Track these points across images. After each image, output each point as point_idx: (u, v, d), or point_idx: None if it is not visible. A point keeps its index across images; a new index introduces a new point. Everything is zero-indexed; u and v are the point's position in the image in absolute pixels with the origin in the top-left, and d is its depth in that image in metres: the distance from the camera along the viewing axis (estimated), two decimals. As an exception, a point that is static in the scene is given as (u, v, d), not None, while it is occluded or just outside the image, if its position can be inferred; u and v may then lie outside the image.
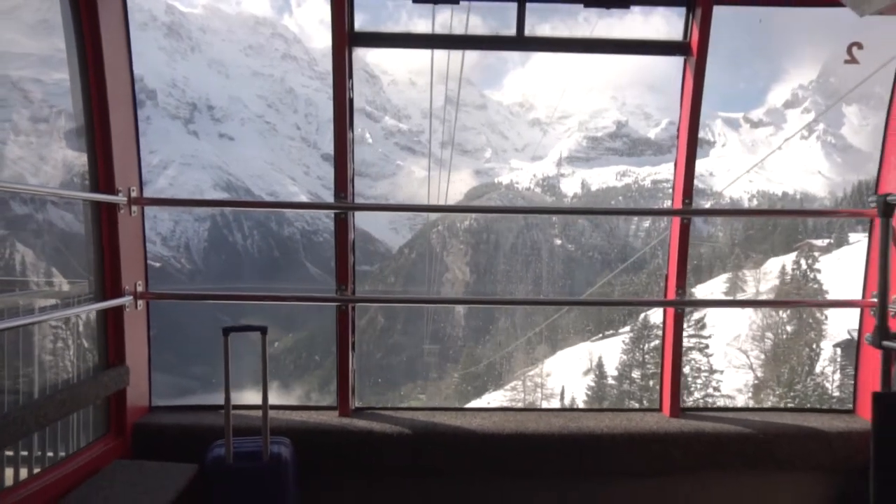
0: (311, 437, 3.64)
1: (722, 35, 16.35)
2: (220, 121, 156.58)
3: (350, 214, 3.83)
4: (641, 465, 3.66)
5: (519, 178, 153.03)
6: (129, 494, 3.00)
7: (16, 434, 2.74)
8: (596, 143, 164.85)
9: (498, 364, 69.06)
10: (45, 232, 30.16)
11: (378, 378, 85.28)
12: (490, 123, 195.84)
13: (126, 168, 3.59)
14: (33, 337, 3.47)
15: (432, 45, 3.87)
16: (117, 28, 3.48)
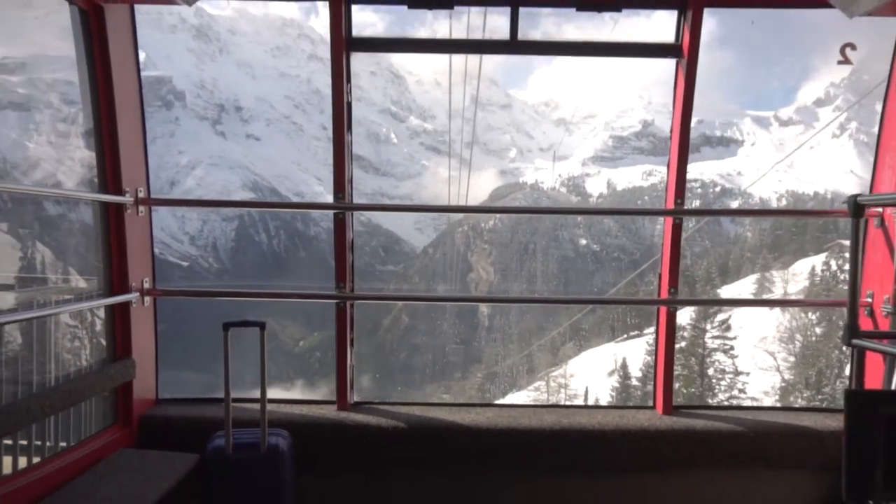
0: (310, 430, 3.77)
1: (751, 33, 15.89)
2: (247, 121, 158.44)
3: (348, 214, 3.96)
4: (632, 461, 3.73)
5: (544, 177, 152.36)
6: (130, 481, 3.15)
7: (21, 422, 2.90)
8: (622, 142, 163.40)
9: (522, 364, 68.99)
10: (76, 231, 30.65)
11: (398, 386, 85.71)
12: (515, 123, 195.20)
13: (133, 170, 3.75)
14: (46, 330, 3.64)
15: (427, 49, 3.97)
16: (125, 37, 3.65)
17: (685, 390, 42.57)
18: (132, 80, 3.73)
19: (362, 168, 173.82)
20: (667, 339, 4.00)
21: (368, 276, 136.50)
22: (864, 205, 2.87)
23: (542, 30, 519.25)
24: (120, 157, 3.60)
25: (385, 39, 3.92)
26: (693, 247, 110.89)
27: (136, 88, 3.78)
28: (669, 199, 3.92)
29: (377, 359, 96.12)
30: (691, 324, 44.01)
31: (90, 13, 3.42)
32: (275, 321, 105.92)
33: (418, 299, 10.74)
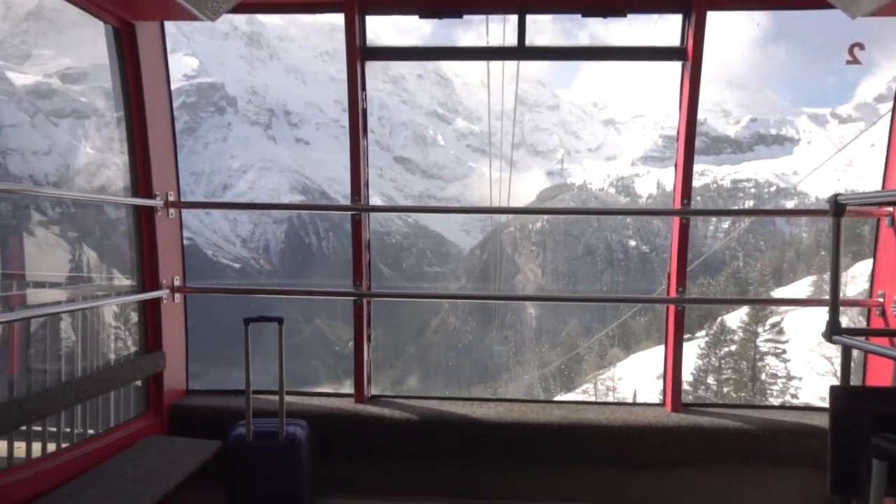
0: (327, 421, 3.97)
1: (806, 28, 15.01)
2: (296, 126, 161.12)
3: (364, 216, 4.15)
4: (639, 457, 3.81)
5: (592, 178, 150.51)
6: (156, 463, 3.39)
7: (57, 406, 3.17)
8: (672, 141, 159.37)
9: (569, 366, 68.46)
10: (120, 233, 32.08)
11: (446, 387, 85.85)
12: (563, 123, 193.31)
13: (164, 175, 4.02)
14: (88, 324, 3.95)
15: (439, 57, 4.13)
16: (155, 52, 3.91)
17: (735, 394, 41.63)
18: (162, 92, 4.00)
19: (409, 170, 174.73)
20: (675, 337, 4.07)
21: (416, 277, 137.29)
22: (844, 204, 2.91)
23: (589, 30, 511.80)
24: (151, 164, 3.87)
25: (397, 48, 4.09)
26: (745, 248, 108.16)
27: (167, 99, 4.04)
28: (676, 200, 3.99)
29: (425, 359, 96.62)
30: (742, 326, 43.05)
31: (122, 30, 3.69)
32: (322, 321, 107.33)
33: (432, 296, 10.84)
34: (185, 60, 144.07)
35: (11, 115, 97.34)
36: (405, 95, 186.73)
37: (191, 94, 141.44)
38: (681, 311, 4.03)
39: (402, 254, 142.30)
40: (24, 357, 3.86)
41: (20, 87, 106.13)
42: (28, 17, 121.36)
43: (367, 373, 4.22)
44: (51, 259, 20.09)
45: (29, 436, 3.50)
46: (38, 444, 3.49)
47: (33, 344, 3.93)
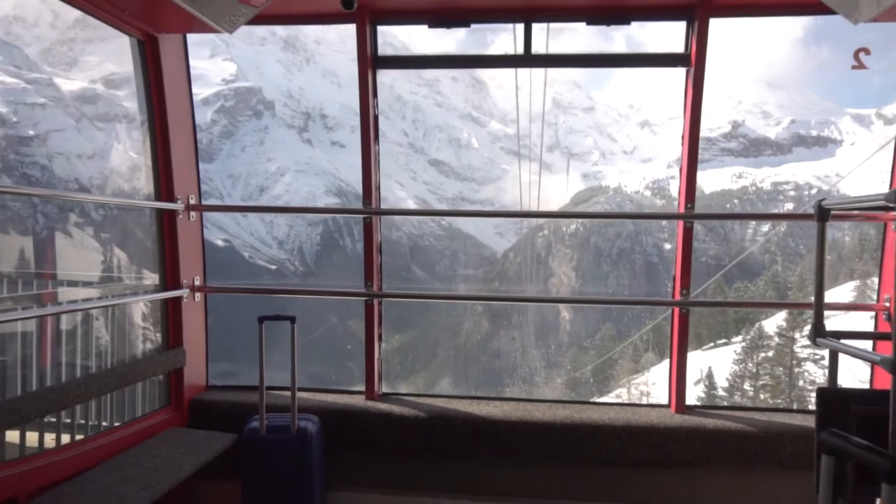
0: (338, 417, 4.12)
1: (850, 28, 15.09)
2: (332, 129, 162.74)
3: (376, 218, 4.29)
4: (641, 457, 3.87)
5: (627, 180, 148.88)
6: (174, 453, 3.58)
7: (79, 397, 3.37)
8: (709, 143, 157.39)
9: (602, 370, 67.87)
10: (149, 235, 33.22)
11: (478, 389, 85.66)
12: (598, 126, 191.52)
13: (185, 180, 4.22)
14: (114, 320, 4.18)
15: (446, 65, 4.27)
16: (177, 63, 4.12)
17: (772, 400, 40.83)
18: (184, 101, 4.20)
19: (443, 173, 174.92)
20: (679, 339, 4.13)
21: (449, 280, 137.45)
22: (828, 209, 2.95)
23: (625, 31, 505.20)
24: (172, 169, 4.07)
25: (408, 57, 4.24)
26: (785, 251, 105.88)
27: (188, 108, 4.24)
28: (680, 204, 4.05)
29: (457, 362, 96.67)
30: (779, 332, 42.23)
31: (146, 43, 3.89)
32: (355, 323, 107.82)
33: (443, 297, 10.94)
34: (224, 65, 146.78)
35: (58, 119, 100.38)
36: (439, 98, 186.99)
37: (229, 98, 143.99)
38: (685, 314, 4.09)
39: (435, 256, 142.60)
40: (55, 351, 4.10)
41: (67, 92, 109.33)
42: (75, 24, 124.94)
43: (378, 370, 4.36)
44: (85, 258, 20.84)
45: (58, 425, 3.73)
46: (66, 435, 3.72)
47: (64, 339, 4.17)
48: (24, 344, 3.93)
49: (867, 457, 2.30)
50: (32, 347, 3.97)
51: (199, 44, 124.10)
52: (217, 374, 4.57)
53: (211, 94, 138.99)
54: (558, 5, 3.92)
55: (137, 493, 3.04)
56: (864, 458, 2.32)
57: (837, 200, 2.89)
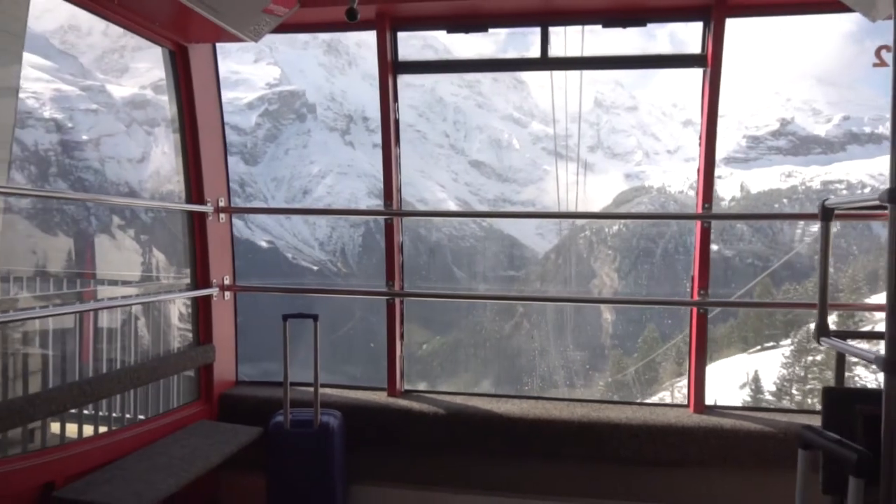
0: (360, 412, 4.25)
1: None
2: (373, 131, 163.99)
3: (397, 219, 4.41)
4: (657, 456, 3.90)
5: (671, 181, 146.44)
6: (201, 445, 3.75)
7: (112, 390, 3.56)
8: (756, 142, 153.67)
9: (645, 373, 67.00)
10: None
11: (519, 390, 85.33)
12: (641, 125, 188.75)
13: (215, 183, 4.40)
14: (149, 318, 4.39)
15: (465, 69, 4.37)
16: (207, 71, 4.30)
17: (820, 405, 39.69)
18: (214, 108, 4.38)
19: (485, 175, 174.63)
20: (698, 339, 4.14)
21: (490, 281, 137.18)
22: (832, 208, 2.94)
23: (668, 29, 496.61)
24: (202, 173, 4.25)
25: (426, 62, 4.35)
26: (836, 252, 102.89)
27: (218, 114, 4.42)
28: (698, 204, 4.06)
29: (499, 363, 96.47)
30: (829, 335, 41.00)
31: (177, 52, 4.08)
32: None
33: (464, 297, 11.02)
34: (268, 70, 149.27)
35: (110, 124, 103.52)
36: (480, 99, 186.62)
37: (273, 102, 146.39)
38: (703, 314, 4.10)
39: (475, 257, 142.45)
40: (95, 346, 4.33)
41: (118, 98, 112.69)
42: (126, 33, 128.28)
43: (399, 368, 4.47)
44: (127, 259, 21.71)
45: (96, 417, 3.94)
46: (104, 426, 3.93)
47: (105, 335, 4.40)
48: (67, 339, 4.18)
49: (836, 450, 2.37)
50: (74, 343, 4.21)
51: (244, 49, 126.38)
52: (264, 372, 4.73)
53: (255, 98, 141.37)
54: (574, 9, 3.98)
55: (164, 481, 3.21)
56: (834, 451, 2.39)
57: (841, 200, 2.89)
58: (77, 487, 3.09)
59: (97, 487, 3.09)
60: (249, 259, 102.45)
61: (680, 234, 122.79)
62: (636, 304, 13.99)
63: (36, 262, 12.56)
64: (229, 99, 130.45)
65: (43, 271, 7.61)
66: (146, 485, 3.13)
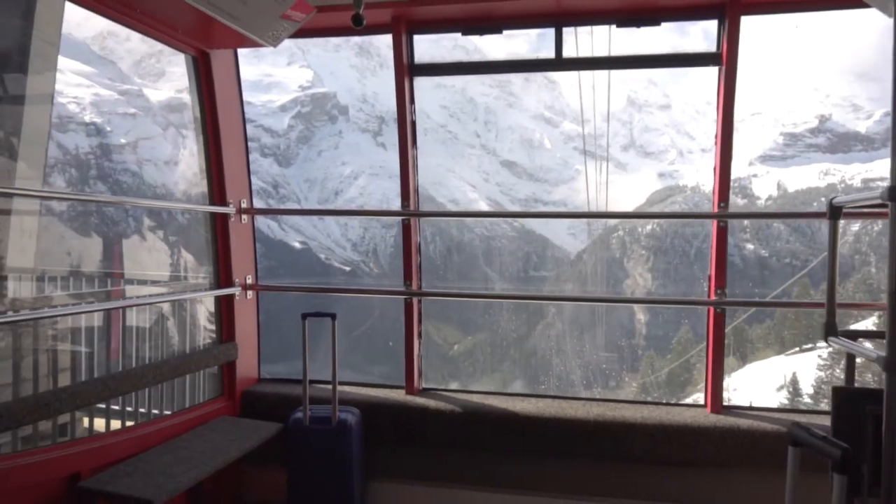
0: (378, 410, 4.32)
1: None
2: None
3: (414, 220, 4.47)
4: (672, 456, 3.90)
5: (705, 179, 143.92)
6: (222, 440, 3.85)
7: (135, 385, 3.69)
8: (794, 139, 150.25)
9: (679, 375, 66.06)
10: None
11: (551, 391, 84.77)
12: (674, 123, 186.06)
13: (237, 185, 4.51)
14: (176, 316, 4.53)
15: (480, 71, 4.42)
16: (229, 77, 4.42)
17: (861, 409, 38.75)
18: (236, 112, 4.50)
19: (516, 174, 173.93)
20: (715, 339, 4.12)
21: (522, 281, 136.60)
22: (839, 206, 2.92)
23: (703, 26, 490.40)
24: (224, 175, 4.37)
25: (443, 64, 4.41)
26: (879, 252, 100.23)
27: (240, 118, 4.54)
28: (714, 203, 4.05)
29: (530, 363, 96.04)
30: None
31: (199, 58, 4.20)
32: (430, 324, 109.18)
33: (479, 296, 10.89)
34: (301, 72, 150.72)
35: (147, 128, 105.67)
36: (511, 99, 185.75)
37: (305, 104, 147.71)
38: (719, 314, 4.08)
39: (507, 258, 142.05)
40: (123, 344, 4.48)
41: (155, 102, 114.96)
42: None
43: (417, 366, 4.54)
44: (155, 259, 22.23)
45: (123, 412, 4.08)
46: (131, 421, 4.07)
47: (131, 333, 4.55)
48: (96, 337, 4.33)
49: (821, 447, 2.42)
50: (102, 340, 4.37)
51: (278, 52, 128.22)
52: (297, 370, 4.81)
53: (288, 100, 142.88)
54: (588, 9, 4.00)
55: (185, 474, 3.31)
56: (819, 447, 2.44)
57: (848, 198, 2.86)
58: (101, 479, 3.21)
59: (120, 479, 3.20)
60: (283, 259, 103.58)
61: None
62: (652, 303, 13.84)
63: (70, 262, 12.93)
64: (262, 102, 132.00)
65: (76, 271, 7.90)
66: (167, 477, 3.24)
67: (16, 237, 5.81)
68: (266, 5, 3.58)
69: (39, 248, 5.72)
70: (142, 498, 2.99)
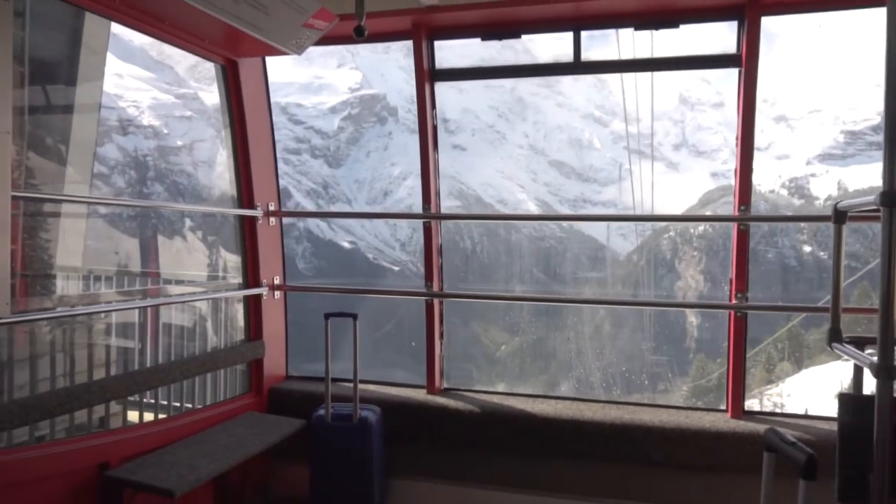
0: (399, 408, 4.42)
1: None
2: (453, 133, 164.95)
3: (435, 223, 4.55)
4: (689, 460, 3.88)
5: (761, 179, 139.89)
6: (246, 434, 4.01)
7: (163, 380, 3.87)
8: (854, 137, 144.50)
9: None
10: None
11: (598, 393, 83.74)
12: (727, 122, 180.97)
13: (265, 189, 4.68)
14: (212, 314, 4.71)
15: (501, 75, 4.49)
16: (257, 84, 4.58)
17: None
18: (264, 118, 4.66)
19: (564, 174, 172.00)
20: (735, 343, 4.08)
21: (571, 283, 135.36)
22: (844, 211, 2.86)
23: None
24: (252, 179, 4.53)
25: (462, 69, 4.47)
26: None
27: (268, 123, 4.70)
28: (735, 206, 4.02)
29: (577, 366, 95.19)
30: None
31: (228, 66, 4.37)
32: (478, 324, 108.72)
33: (499, 298, 10.74)
34: (350, 74, 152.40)
35: (201, 130, 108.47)
36: (560, 99, 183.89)
37: (355, 105, 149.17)
38: (740, 318, 4.04)
39: (555, 259, 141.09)
40: (156, 340, 4.68)
41: (210, 105, 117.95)
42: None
43: (439, 367, 4.61)
44: (191, 259, 23.09)
45: (157, 404, 4.27)
46: (164, 414, 4.26)
47: (167, 329, 4.75)
48: (132, 333, 4.54)
49: (790, 452, 2.46)
50: (139, 336, 4.58)
51: (328, 54, 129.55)
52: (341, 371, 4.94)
53: (338, 102, 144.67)
54: (606, 13, 4.01)
55: (206, 466, 3.47)
56: (788, 452, 2.48)
57: (853, 202, 2.81)
58: (128, 468, 3.39)
59: (145, 469, 3.37)
60: (332, 259, 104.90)
61: (771, 234, 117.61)
62: (670, 307, 13.58)
63: (118, 262, 13.51)
64: (313, 104, 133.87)
65: (123, 270, 8.27)
66: (189, 469, 3.39)
67: (65, 238, 6.12)
68: (288, 15, 3.70)
69: (87, 248, 6.00)
70: (162, 488, 3.14)
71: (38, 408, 3.11)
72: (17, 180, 5.22)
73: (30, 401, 3.16)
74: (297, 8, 3.70)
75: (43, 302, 5.38)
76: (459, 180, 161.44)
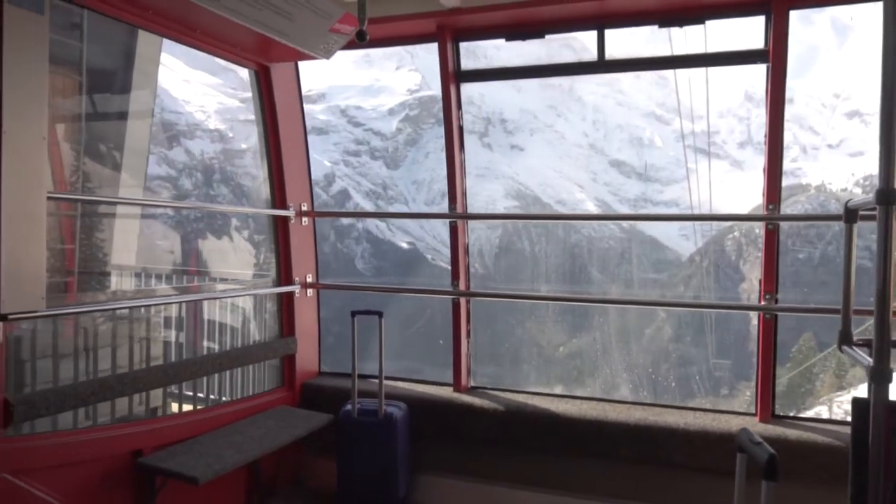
0: (425, 406, 4.49)
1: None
2: (511, 133, 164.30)
3: (462, 222, 4.60)
4: (713, 463, 3.81)
5: (832, 177, 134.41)
6: (275, 427, 4.15)
7: (195, 373, 4.04)
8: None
9: (799, 385, 62.31)
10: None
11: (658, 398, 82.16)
12: (797, 118, 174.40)
13: (298, 189, 4.82)
14: (255, 311, 4.91)
15: (525, 75, 4.49)
16: (290, 88, 4.73)
17: None
18: (296, 120, 4.80)
19: (624, 174, 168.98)
20: (764, 345, 3.99)
21: (631, 284, 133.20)
22: (855, 209, 2.77)
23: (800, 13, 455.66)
24: (285, 180, 4.68)
25: (488, 70, 4.51)
26: None
27: (300, 126, 4.84)
28: (763, 205, 3.93)
29: (641, 367, 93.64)
30: None
31: (260, 72, 4.52)
32: (533, 324, 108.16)
33: (524, 297, 10.52)
34: (409, 76, 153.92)
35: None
36: (620, 97, 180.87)
37: (413, 107, 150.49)
38: (769, 320, 3.95)
39: (615, 259, 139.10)
40: (196, 334, 4.89)
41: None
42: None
43: (465, 365, 4.66)
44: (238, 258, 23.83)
45: (194, 397, 4.47)
46: (201, 405, 4.45)
47: (206, 325, 4.96)
48: (175, 327, 4.77)
49: (755, 451, 2.49)
50: (183, 330, 4.80)
51: (386, 57, 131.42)
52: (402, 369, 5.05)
53: (396, 104, 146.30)
54: (629, 10, 3.98)
55: (232, 456, 3.61)
56: (753, 452, 2.51)
57: (864, 201, 2.72)
58: (159, 456, 3.56)
59: (175, 457, 3.54)
60: (391, 260, 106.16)
61: (841, 234, 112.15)
62: (699, 307, 13.20)
63: (173, 261, 14.11)
64: (373, 106, 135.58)
65: (175, 269, 8.66)
66: (216, 458, 3.54)
67: (119, 238, 6.43)
68: (313, 21, 3.81)
69: (140, 247, 6.30)
70: (188, 475, 3.29)
71: (71, 396, 3.30)
72: (74, 184, 5.53)
73: (66, 389, 3.36)
74: (322, 14, 3.81)
75: (96, 297, 5.68)
76: (517, 181, 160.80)
